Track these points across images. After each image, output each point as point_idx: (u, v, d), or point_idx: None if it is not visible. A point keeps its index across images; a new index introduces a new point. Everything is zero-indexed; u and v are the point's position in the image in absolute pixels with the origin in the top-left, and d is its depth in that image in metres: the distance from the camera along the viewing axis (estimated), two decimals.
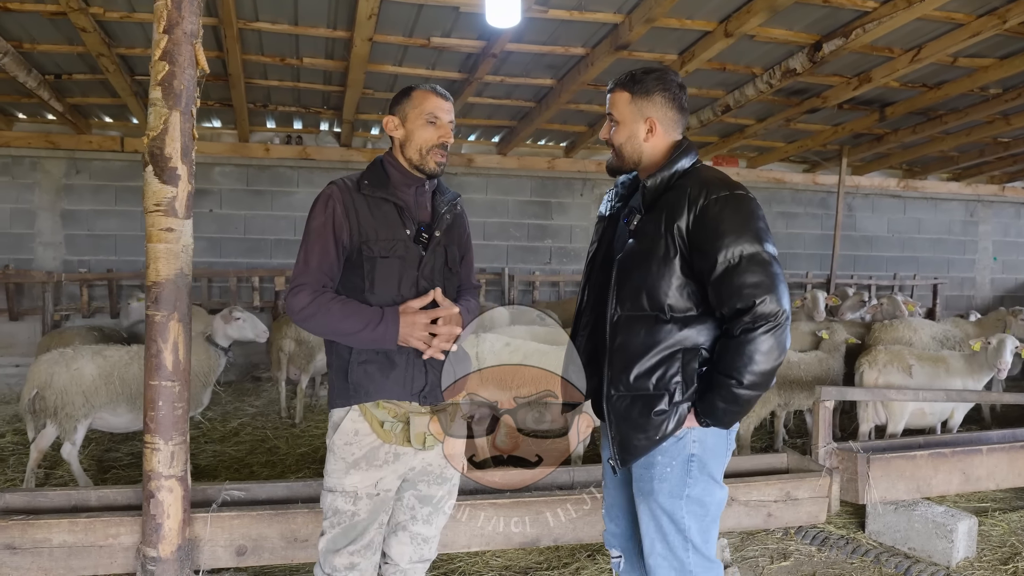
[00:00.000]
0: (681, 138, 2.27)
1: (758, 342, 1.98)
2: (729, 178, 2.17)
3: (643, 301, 2.14)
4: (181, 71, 2.83)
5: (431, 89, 2.43)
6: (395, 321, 2.28)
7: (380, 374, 2.36)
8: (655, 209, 2.17)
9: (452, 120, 2.45)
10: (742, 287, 1.99)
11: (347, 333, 2.29)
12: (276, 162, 8.21)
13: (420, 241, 2.42)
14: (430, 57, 6.03)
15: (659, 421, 2.10)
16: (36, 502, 3.28)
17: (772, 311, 1.98)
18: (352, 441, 2.38)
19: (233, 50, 5.37)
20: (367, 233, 2.36)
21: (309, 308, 2.28)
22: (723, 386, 2.04)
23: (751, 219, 2.06)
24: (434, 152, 2.41)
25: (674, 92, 2.23)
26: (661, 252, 2.11)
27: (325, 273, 2.33)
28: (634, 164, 2.28)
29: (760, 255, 2.02)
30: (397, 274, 2.37)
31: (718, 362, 2.08)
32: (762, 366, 2.00)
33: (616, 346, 2.19)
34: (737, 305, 2.00)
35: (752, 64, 6.07)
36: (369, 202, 2.40)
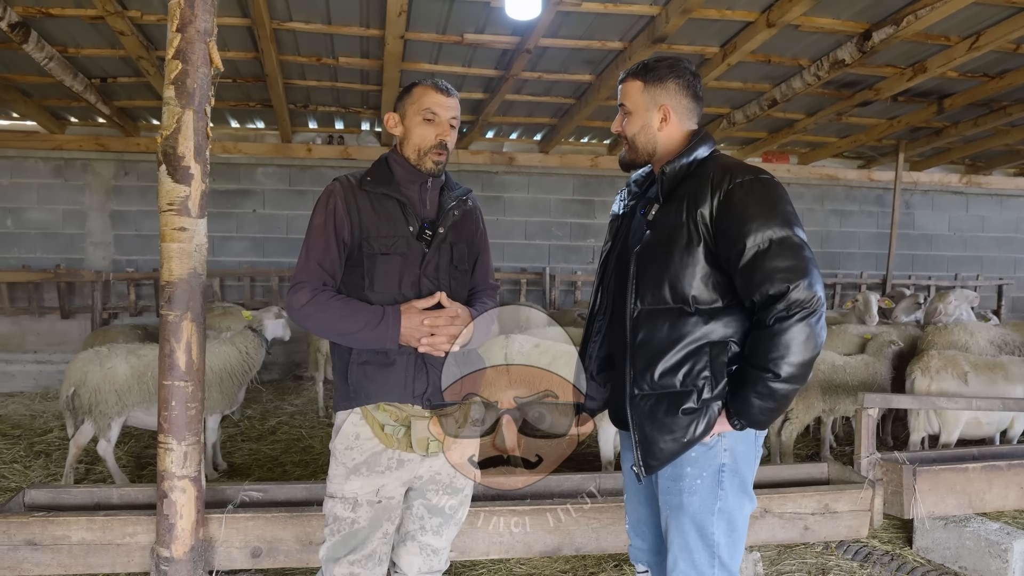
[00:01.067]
0: (697, 127, 2.15)
1: (794, 331, 1.86)
2: (750, 165, 2.04)
3: (665, 293, 2.02)
4: (194, 70, 2.81)
5: (432, 84, 2.34)
6: (396, 320, 2.20)
7: (380, 375, 2.28)
8: (674, 198, 2.05)
9: (455, 117, 2.36)
10: (774, 272, 1.87)
11: (347, 332, 2.23)
12: (318, 162, 8.27)
13: (423, 238, 2.33)
14: (465, 54, 5.97)
15: (687, 421, 1.98)
16: (60, 499, 3.31)
17: (806, 297, 1.86)
18: (353, 446, 2.31)
19: (268, 50, 5.39)
20: (368, 230, 2.29)
21: (308, 306, 2.22)
22: (758, 381, 1.91)
23: (779, 203, 1.95)
24: (432, 152, 2.32)
25: (688, 80, 2.12)
26: (683, 241, 1.99)
27: (326, 271, 2.27)
28: (648, 156, 2.16)
29: (791, 239, 1.90)
30: (398, 272, 2.29)
31: (750, 355, 1.95)
32: (799, 356, 1.87)
33: (638, 342, 2.07)
34: (769, 291, 1.88)
35: (799, 55, 5.83)
36: (372, 199, 2.33)
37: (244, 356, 5.14)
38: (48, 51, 5.32)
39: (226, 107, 7.33)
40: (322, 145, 8.22)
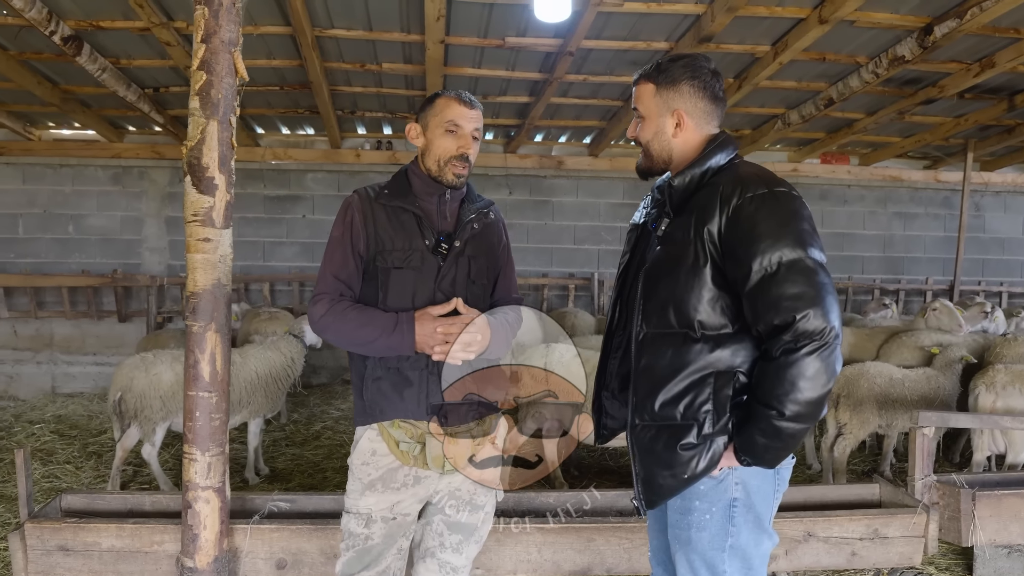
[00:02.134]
0: (717, 131, 2.02)
1: (801, 365, 1.70)
2: (772, 174, 1.89)
3: (670, 317, 1.89)
4: (219, 80, 2.80)
5: (455, 96, 2.31)
6: (411, 327, 2.17)
7: (394, 391, 2.26)
8: (685, 211, 1.93)
9: (477, 128, 2.32)
10: (780, 299, 1.72)
11: (364, 342, 2.22)
12: (366, 167, 8.32)
13: (439, 252, 2.29)
14: (508, 58, 5.89)
15: (687, 457, 1.85)
16: (94, 504, 3.36)
17: (817, 328, 1.69)
18: (369, 461, 2.29)
19: (311, 58, 5.42)
20: (383, 243, 2.27)
21: (326, 317, 2.24)
22: (762, 418, 1.77)
23: (793, 219, 1.78)
24: (452, 163, 2.29)
25: (704, 80, 1.98)
26: (690, 260, 1.86)
27: (343, 283, 2.28)
28: (664, 163, 2.04)
29: (802, 262, 1.74)
30: (412, 286, 2.26)
31: (756, 389, 1.81)
32: (807, 394, 1.71)
33: (641, 368, 1.95)
34: (775, 321, 1.73)
35: (855, 52, 5.56)
36: (388, 212, 2.32)
37: (287, 361, 5.19)
38: (101, 63, 5.46)
39: (276, 114, 7.42)
40: (370, 151, 8.27)
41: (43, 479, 5.08)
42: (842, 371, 4.93)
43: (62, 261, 7.85)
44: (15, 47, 5.48)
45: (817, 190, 8.87)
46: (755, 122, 7.59)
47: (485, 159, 8.33)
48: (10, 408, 7.34)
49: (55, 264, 7.83)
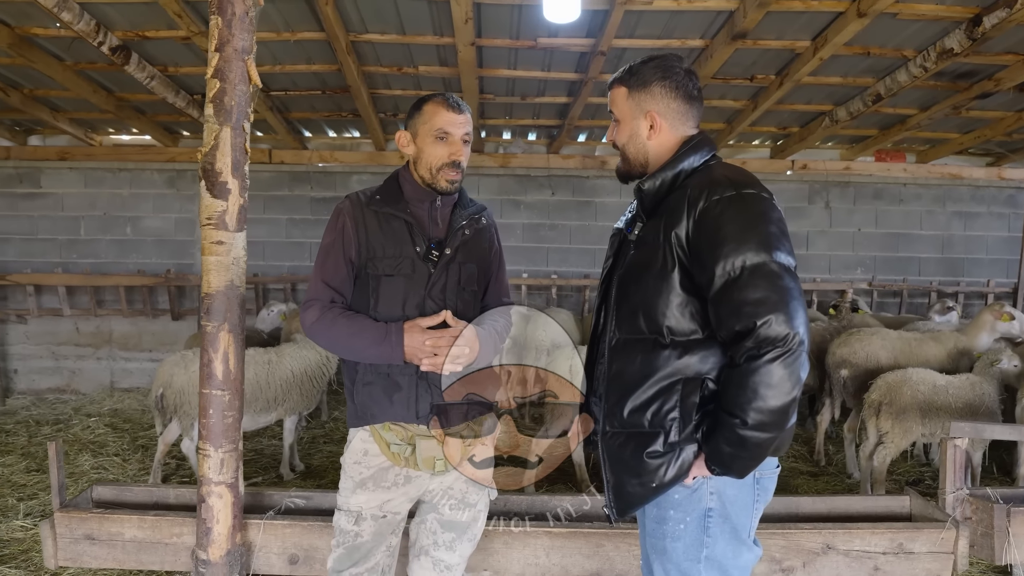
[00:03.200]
0: (694, 132, 1.98)
1: (763, 372, 1.66)
2: (745, 175, 1.84)
3: (640, 322, 1.87)
4: (232, 88, 2.87)
5: (443, 101, 2.32)
6: (399, 338, 2.20)
7: (384, 396, 2.29)
8: (656, 215, 1.90)
9: (467, 133, 2.34)
10: (742, 305, 1.68)
11: (355, 349, 2.26)
12: None
13: (430, 259, 2.31)
14: (543, 58, 5.89)
15: (654, 465, 1.82)
16: (123, 496, 3.49)
17: (779, 334, 1.65)
18: (360, 461, 2.35)
19: (347, 62, 5.52)
20: (374, 250, 2.30)
21: (317, 324, 2.27)
22: (726, 426, 1.73)
23: (759, 222, 1.74)
24: (445, 170, 2.31)
25: (676, 80, 1.95)
26: (659, 264, 1.84)
27: (335, 289, 2.30)
28: (641, 166, 2.02)
29: (766, 266, 1.70)
30: (402, 293, 2.28)
31: (721, 397, 1.78)
32: (771, 402, 1.66)
33: (613, 374, 1.94)
34: (736, 327, 1.70)
35: (901, 46, 5.36)
36: (379, 218, 2.34)
37: (322, 359, 5.31)
38: (149, 71, 5.67)
39: (321, 117, 7.58)
40: None
41: (92, 470, 5.31)
42: (884, 378, 4.76)
43: (120, 261, 8.19)
44: (70, 58, 5.75)
45: (871, 189, 8.58)
46: (802, 119, 7.39)
47: (528, 160, 8.34)
48: (71, 401, 7.71)
49: (114, 264, 8.17)
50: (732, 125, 7.40)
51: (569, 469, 5.29)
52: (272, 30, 5.25)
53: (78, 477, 5.16)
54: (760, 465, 1.81)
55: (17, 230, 8.14)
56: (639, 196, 1.96)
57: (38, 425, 6.62)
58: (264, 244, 8.26)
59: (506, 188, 8.56)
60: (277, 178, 8.26)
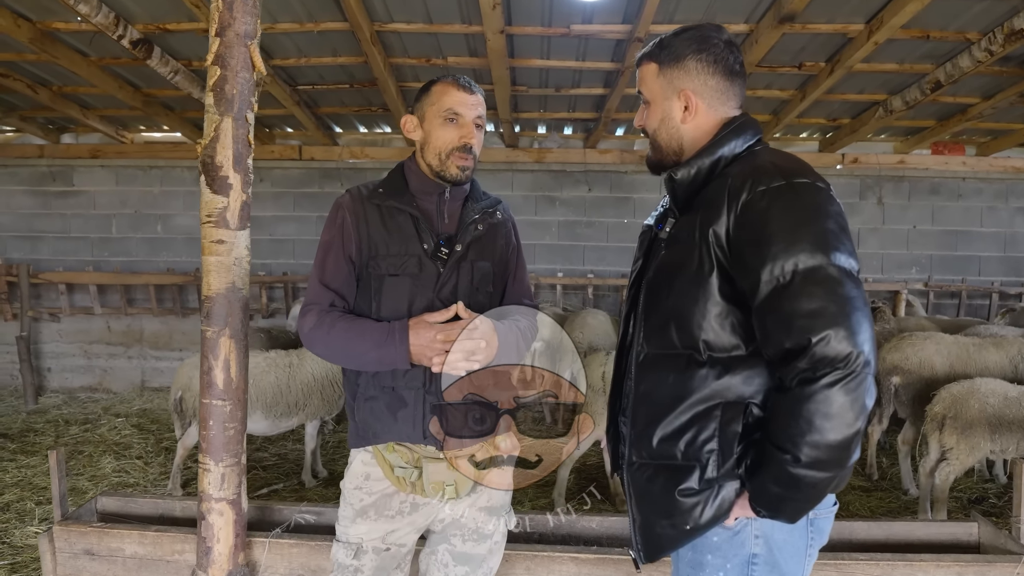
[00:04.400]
0: (736, 113, 1.70)
1: (820, 399, 1.37)
2: (797, 162, 1.56)
3: (672, 335, 1.60)
4: (233, 75, 2.67)
5: (452, 81, 2.10)
6: (404, 336, 1.95)
7: (388, 412, 2.06)
8: (691, 209, 1.63)
9: (480, 116, 2.11)
10: (793, 317, 1.40)
11: (356, 355, 2.01)
12: None
13: (439, 257, 2.07)
14: (577, 47, 5.61)
15: (688, 505, 1.55)
16: (127, 508, 3.33)
17: (839, 353, 1.36)
18: (362, 486, 2.11)
19: (372, 53, 5.31)
20: (376, 248, 2.08)
21: (315, 330, 2.04)
22: (775, 462, 1.45)
23: (813, 217, 1.45)
24: (455, 156, 2.08)
25: (714, 53, 1.66)
26: (694, 267, 1.56)
27: (335, 291, 2.09)
28: (674, 154, 1.74)
29: (823, 270, 1.41)
30: (407, 295, 2.06)
31: (768, 426, 1.49)
32: (829, 436, 1.38)
33: (640, 395, 1.67)
34: (786, 343, 1.41)
35: (964, 28, 4.96)
36: (383, 212, 2.11)
37: None
38: (173, 65, 5.55)
39: (351, 112, 7.41)
40: None
41: (113, 473, 5.21)
42: (948, 389, 4.37)
43: (151, 259, 8.13)
44: (94, 53, 5.65)
45: (927, 183, 8.10)
46: (854, 110, 6.97)
47: (564, 155, 8.07)
48: (102, 400, 7.67)
49: (144, 263, 8.12)
50: (778, 117, 7.03)
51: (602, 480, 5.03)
52: (295, 21, 5.08)
53: (99, 480, 5.06)
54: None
55: (50, 228, 8.14)
56: (670, 187, 1.69)
57: (67, 425, 6.57)
58: (294, 242, 8.14)
59: (541, 184, 8.30)
60: (307, 175, 8.12)
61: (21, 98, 6.68)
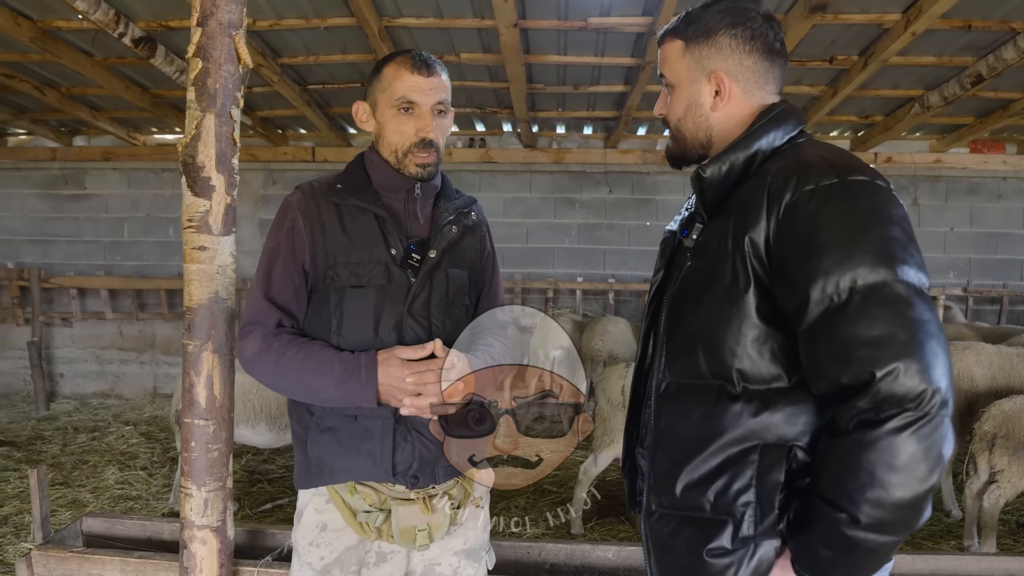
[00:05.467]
0: (775, 100, 1.45)
1: (884, 447, 1.12)
2: (850, 157, 1.30)
3: (700, 362, 1.35)
4: (216, 68, 2.46)
5: (407, 59, 1.79)
6: (371, 372, 1.67)
7: (351, 445, 1.76)
8: (722, 213, 1.38)
9: (441, 102, 1.80)
10: (851, 346, 1.15)
11: (312, 390, 1.72)
12: (458, 166, 8.00)
13: (410, 264, 1.79)
14: (595, 41, 5.36)
15: (718, 567, 1.30)
16: (114, 529, 3.14)
17: (910, 391, 1.11)
18: (319, 541, 1.79)
19: (380, 50, 5.11)
20: (335, 255, 1.78)
21: (261, 357, 1.74)
22: (826, 521, 1.19)
23: (874, 221, 1.20)
24: (413, 154, 1.78)
25: (752, 28, 1.42)
26: (726, 282, 1.32)
27: (281, 308, 1.78)
28: (701, 147, 1.49)
29: (887, 287, 1.16)
30: (373, 309, 1.76)
31: (818, 476, 1.23)
32: (896, 492, 1.12)
33: (662, 432, 1.42)
34: (842, 378, 1.16)
35: (1009, 17, 4.65)
36: (342, 212, 1.81)
37: None
38: (178, 64, 5.39)
39: None
40: (462, 148, 7.94)
41: (115, 485, 5.05)
42: (999, 406, 4.02)
43: (163, 264, 8.01)
44: (98, 52, 5.51)
45: (965, 184, 7.73)
46: (888, 106, 6.65)
47: (584, 155, 7.82)
48: (113, 407, 7.56)
49: (156, 267, 8.00)
50: (808, 114, 6.72)
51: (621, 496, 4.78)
52: (301, 16, 4.89)
53: (101, 492, 4.91)
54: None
55: (62, 232, 8.05)
56: (698, 186, 1.43)
57: (75, 432, 6.45)
58: None
59: (560, 186, 8.06)
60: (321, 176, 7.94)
61: (30, 100, 6.58)
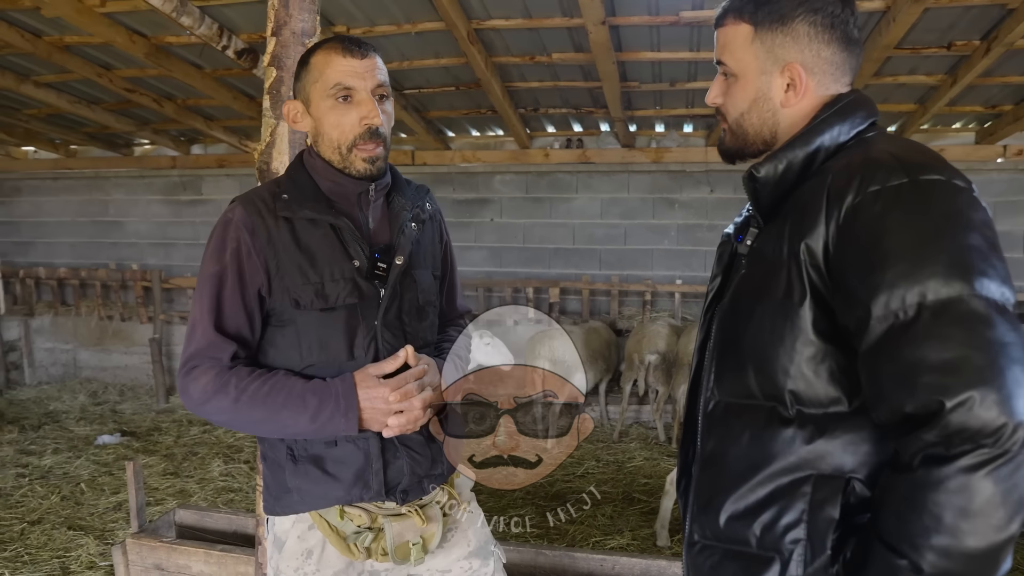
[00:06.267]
0: (845, 91, 1.31)
1: (956, 488, 0.97)
2: (925, 153, 1.15)
3: (750, 380, 1.24)
4: (289, 76, 2.54)
5: (335, 44, 1.61)
6: (353, 400, 1.54)
7: (337, 472, 1.64)
8: (778, 216, 1.26)
9: (382, 84, 1.62)
10: (918, 371, 1.01)
11: (282, 426, 1.56)
12: (555, 168, 7.94)
13: (376, 274, 1.65)
14: (689, 36, 5.18)
15: None
16: (203, 522, 3.29)
17: (988, 424, 0.95)
18: (305, 569, 1.67)
19: (471, 53, 5.13)
20: (293, 276, 1.60)
21: (214, 397, 1.53)
22: (883, 566, 1.05)
23: (951, 228, 1.05)
24: (359, 147, 1.61)
25: (832, 14, 1.28)
26: (780, 293, 1.19)
27: (232, 338, 1.58)
28: (763, 144, 1.36)
29: (963, 303, 1.01)
30: (345, 331, 1.62)
31: (878, 515, 1.09)
32: (968, 541, 0.98)
33: (707, 455, 1.32)
34: (907, 406, 1.02)
35: None
36: (295, 227, 1.62)
37: None
38: None
39: (462, 116, 7.30)
40: (559, 150, 7.87)
41: (219, 477, 5.30)
42: None
43: None
44: (207, 64, 5.81)
45: None
46: (1017, 95, 6.08)
47: (684, 154, 7.58)
48: None
49: None
50: (925, 106, 6.25)
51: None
52: (392, 23, 4.98)
53: (206, 484, 5.16)
54: None
55: (181, 236, 8.57)
56: (751, 187, 1.31)
57: (189, 425, 6.83)
58: None
59: (659, 185, 7.86)
60: (420, 180, 8.06)
61: (150, 112, 7.03)
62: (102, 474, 5.33)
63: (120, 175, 8.68)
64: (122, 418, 7.10)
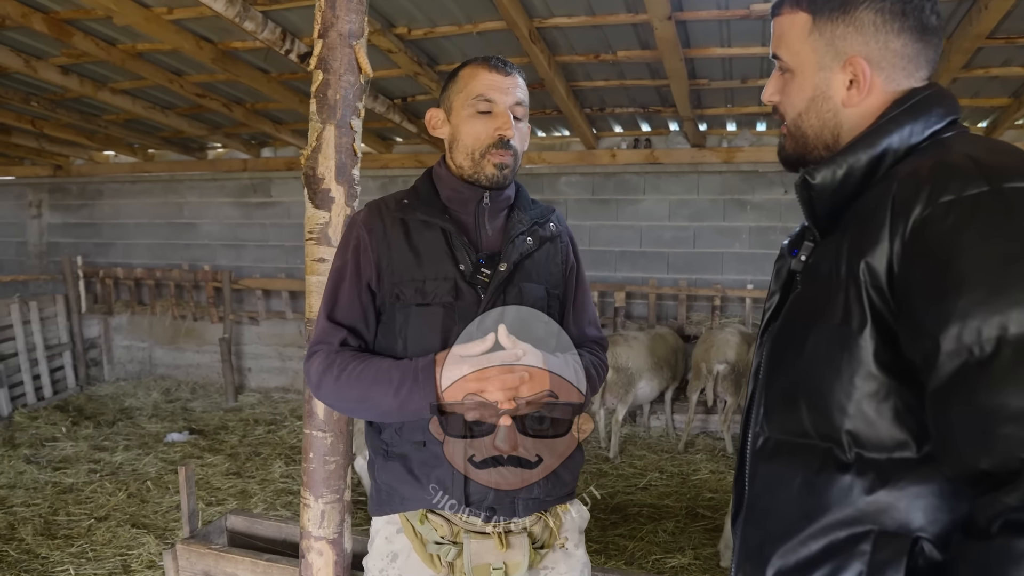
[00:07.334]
0: (920, 86, 1.14)
1: None
2: (1010, 157, 0.97)
3: (802, 416, 1.08)
4: (336, 79, 2.47)
5: (483, 62, 1.72)
6: (431, 375, 1.55)
7: (420, 473, 1.67)
8: (837, 229, 1.10)
9: (520, 103, 1.71)
10: (995, 419, 0.84)
11: (371, 403, 1.61)
12: (621, 168, 7.76)
13: (478, 279, 1.70)
14: (761, 30, 4.93)
15: None
16: (253, 528, 3.26)
17: None
18: (388, 571, 1.73)
19: (533, 52, 5.01)
20: (401, 272, 1.70)
21: (324, 375, 1.66)
22: None
23: None
24: (491, 153, 1.70)
25: (904, 0, 1.10)
26: (837, 318, 1.03)
27: (347, 328, 1.71)
28: (825, 148, 1.20)
29: None
30: (440, 329, 1.66)
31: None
32: None
33: (752, 498, 1.17)
34: (982, 462, 0.85)
35: None
36: (408, 227, 1.75)
37: None
38: None
39: None
40: (626, 150, 7.68)
41: (280, 479, 5.34)
42: None
43: None
44: (272, 68, 5.86)
45: None
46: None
47: (756, 154, 7.30)
48: (292, 401, 8.07)
49: None
50: (1021, 100, 5.81)
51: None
52: (453, 23, 4.90)
53: (266, 485, 5.21)
54: None
55: (251, 237, 8.73)
56: (805, 195, 1.15)
57: (255, 424, 6.94)
58: None
59: (730, 186, 7.58)
60: None
61: (221, 116, 7.16)
62: (168, 472, 5.44)
63: (194, 178, 8.92)
64: (192, 416, 7.27)
